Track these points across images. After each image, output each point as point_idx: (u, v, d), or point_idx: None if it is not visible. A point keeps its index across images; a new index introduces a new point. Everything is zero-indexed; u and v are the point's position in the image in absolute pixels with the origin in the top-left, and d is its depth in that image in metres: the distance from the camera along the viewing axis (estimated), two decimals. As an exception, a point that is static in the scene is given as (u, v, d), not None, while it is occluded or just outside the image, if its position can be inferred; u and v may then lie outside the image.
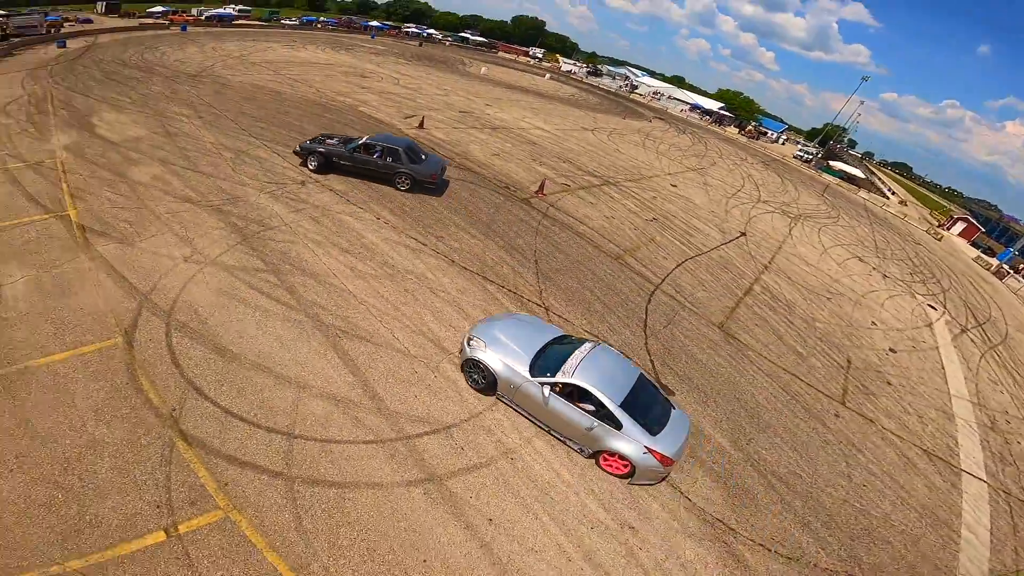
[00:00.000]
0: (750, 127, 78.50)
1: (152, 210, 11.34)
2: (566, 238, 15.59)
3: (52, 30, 50.15)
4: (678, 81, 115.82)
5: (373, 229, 12.55)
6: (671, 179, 28.23)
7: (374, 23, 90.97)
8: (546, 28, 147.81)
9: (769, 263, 19.74)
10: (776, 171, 45.37)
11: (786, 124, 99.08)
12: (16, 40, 43.18)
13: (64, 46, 38.17)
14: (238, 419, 6.84)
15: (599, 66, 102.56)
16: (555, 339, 8.71)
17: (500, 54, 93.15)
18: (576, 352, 8.10)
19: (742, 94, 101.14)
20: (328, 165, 15.72)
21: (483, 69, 55.85)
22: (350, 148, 15.67)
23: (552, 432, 7.92)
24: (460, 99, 33.20)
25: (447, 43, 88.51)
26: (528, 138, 27.09)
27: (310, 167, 15.71)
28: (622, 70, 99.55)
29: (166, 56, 31.09)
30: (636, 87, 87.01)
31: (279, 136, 17.94)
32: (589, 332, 10.99)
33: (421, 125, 23.26)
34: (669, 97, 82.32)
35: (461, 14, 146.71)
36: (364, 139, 15.94)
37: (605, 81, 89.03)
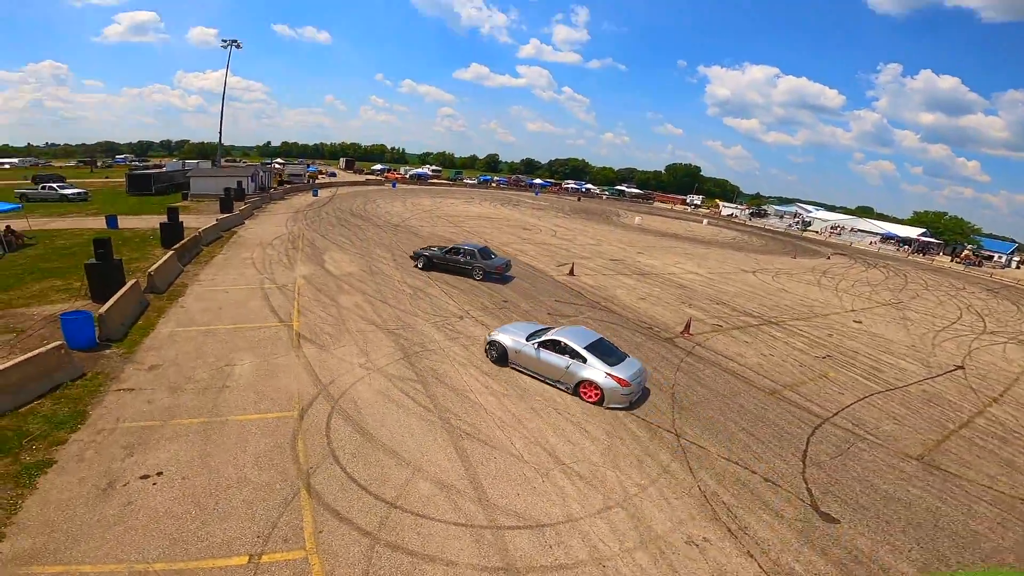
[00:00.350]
0: (966, 251, 65.81)
1: (347, 328, 14.40)
2: (711, 374, 14.65)
3: (310, 180, 69.84)
4: (864, 212, 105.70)
5: None
6: (854, 315, 24.99)
7: (537, 181, 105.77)
8: (702, 173, 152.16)
9: (1001, 395, 15.63)
10: (1009, 298, 36.63)
11: (1016, 242, 79.90)
12: (288, 185, 61.19)
13: (316, 195, 52.89)
14: (355, 484, 7.83)
15: (763, 206, 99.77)
16: (543, 328, 13.39)
17: (656, 204, 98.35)
18: (556, 328, 13.07)
19: (946, 214, 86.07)
20: (430, 264, 21.94)
21: (637, 219, 59.28)
22: (444, 251, 21.96)
23: (546, 380, 12.01)
24: (612, 248, 35.42)
25: (604, 196, 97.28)
26: (678, 282, 27.00)
27: (418, 266, 22.10)
28: (791, 208, 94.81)
29: (379, 207, 40.70)
30: (809, 223, 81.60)
31: (450, 280, 21.36)
32: (728, 460, 9.94)
33: (571, 272, 25.05)
34: (852, 230, 75.07)
35: (617, 168, 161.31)
36: (452, 245, 22.18)
37: (772, 221, 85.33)
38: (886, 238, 70.75)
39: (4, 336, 12.09)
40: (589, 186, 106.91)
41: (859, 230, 75.05)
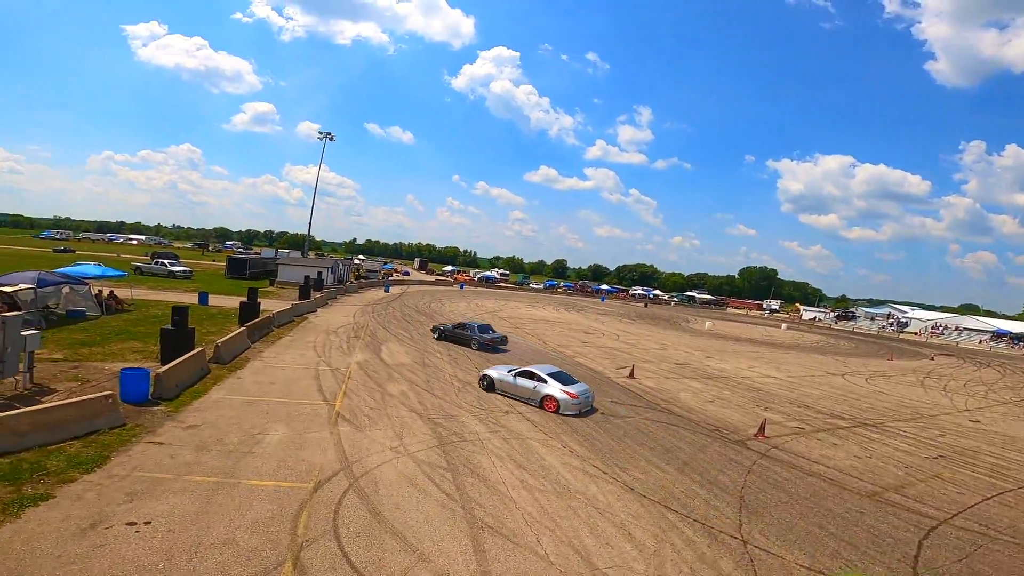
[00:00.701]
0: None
1: (388, 413, 14.06)
2: (790, 476, 12.71)
3: (384, 276, 74.13)
4: (969, 310, 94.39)
5: (557, 455, 12.59)
6: (969, 415, 21.47)
7: (604, 287, 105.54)
8: (779, 277, 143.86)
9: None
10: None
11: None
12: (363, 280, 65.17)
13: (388, 291, 55.73)
14: (349, 565, 6.89)
15: (851, 308, 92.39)
16: (518, 367, 17.56)
17: (729, 310, 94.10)
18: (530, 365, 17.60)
19: (1065, 307, 75.09)
20: (444, 336, 26.61)
21: (707, 324, 56.74)
22: (452, 326, 26.91)
23: (521, 399, 16.50)
24: (678, 352, 33.65)
25: (672, 303, 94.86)
26: (752, 385, 24.83)
27: (435, 336, 27.04)
28: (883, 309, 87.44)
29: (444, 306, 41.84)
30: (906, 324, 74.55)
31: None
32: (811, 568, 7.91)
33: (631, 375, 23.75)
34: (957, 328, 67.63)
35: (687, 273, 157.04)
36: (459, 322, 28.43)
37: (862, 324, 78.97)
38: (997, 335, 63.51)
39: (71, 384, 13.00)
40: (657, 293, 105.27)
41: (965, 329, 68.04)
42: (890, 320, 78.47)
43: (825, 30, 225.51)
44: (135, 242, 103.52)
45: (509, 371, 17.17)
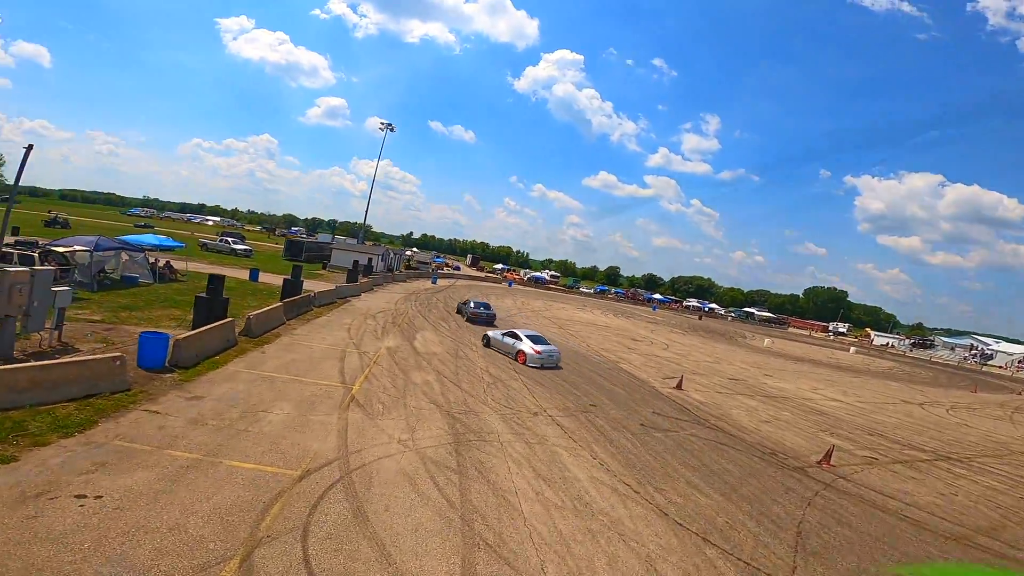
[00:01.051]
0: None
1: (406, 402, 13.16)
2: (859, 512, 10.86)
3: (434, 269, 75.37)
4: None
5: (584, 467, 11.17)
6: None
7: (657, 296, 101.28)
8: (848, 299, 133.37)
9: None
10: None
11: None
12: (413, 270, 66.48)
13: (435, 283, 56.13)
14: (306, 569, 5.90)
15: (928, 337, 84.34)
16: (509, 330, 22.25)
17: (790, 329, 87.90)
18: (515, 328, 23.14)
19: None
20: (459, 311, 31.15)
21: (767, 342, 52.83)
22: (463, 302, 31.79)
23: (504, 353, 21.13)
24: (733, 368, 31.05)
25: (729, 318, 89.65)
26: (815, 408, 22.31)
27: (460, 315, 30.69)
28: (964, 340, 79.55)
29: (489, 302, 40.94)
30: (991, 356, 67.78)
31: (537, 375, 19.42)
32: None
33: (679, 386, 21.94)
34: None
35: (747, 290, 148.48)
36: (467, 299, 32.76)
37: (940, 353, 72.19)
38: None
39: (96, 345, 12.99)
40: (713, 306, 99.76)
41: (1057, 365, 60.01)
42: (973, 351, 71.16)
43: (919, 41, 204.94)
44: (211, 223, 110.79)
45: (502, 333, 21.96)
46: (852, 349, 62.74)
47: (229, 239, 50.48)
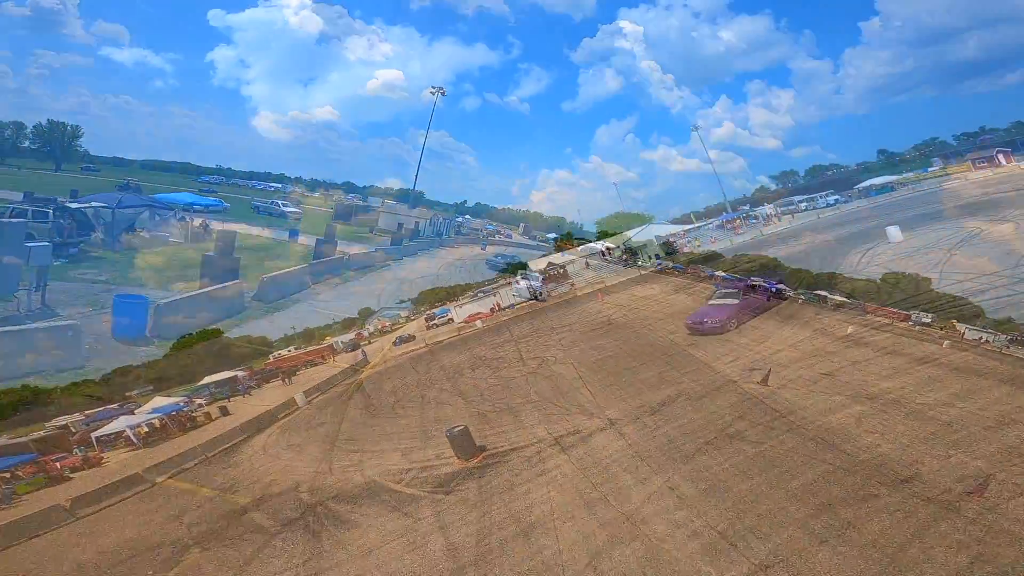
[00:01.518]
0: None
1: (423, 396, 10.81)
2: None
3: (485, 236, 78.57)
4: None
5: (654, 497, 8.34)
6: None
7: (720, 273, 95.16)
8: (932, 289, 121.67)
9: None
10: None
11: None
12: (463, 236, 68.26)
13: (484, 248, 60.85)
14: None
15: None
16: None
17: (867, 316, 79.84)
18: None
19: None
20: None
21: (849, 329, 47.23)
22: None
23: None
24: (820, 361, 26.30)
25: (799, 300, 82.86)
26: (934, 417, 17.91)
27: None
28: None
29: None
30: None
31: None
32: None
33: (764, 381, 17.86)
34: None
35: (814, 272, 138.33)
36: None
37: None
38: None
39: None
40: (781, 287, 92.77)
41: None
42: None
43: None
44: (273, 189, 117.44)
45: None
46: (946, 343, 55.44)
47: (279, 202, 52.31)
